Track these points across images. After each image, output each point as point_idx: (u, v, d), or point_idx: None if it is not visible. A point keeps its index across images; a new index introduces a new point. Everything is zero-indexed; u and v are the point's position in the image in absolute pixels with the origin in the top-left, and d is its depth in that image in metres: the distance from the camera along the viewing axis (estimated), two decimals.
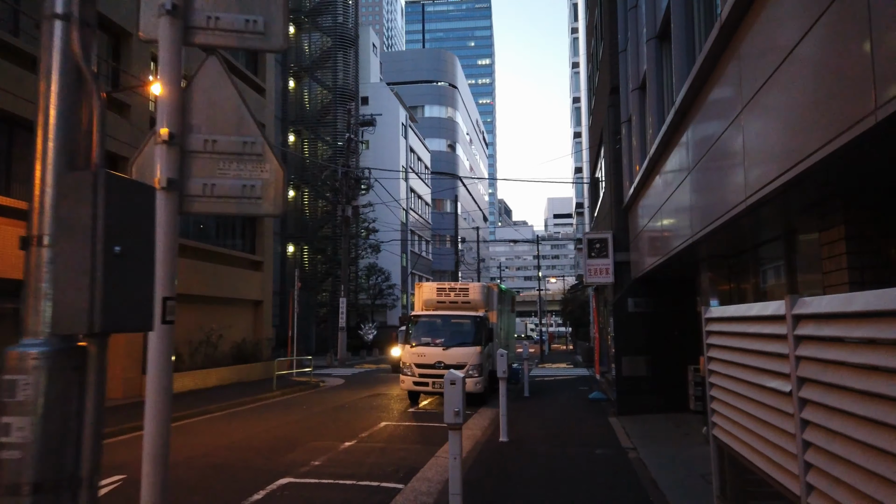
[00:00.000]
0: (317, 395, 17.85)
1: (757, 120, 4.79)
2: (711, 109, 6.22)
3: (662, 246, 9.46)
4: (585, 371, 25.52)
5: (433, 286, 16.32)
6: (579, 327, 42.78)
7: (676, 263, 9.77)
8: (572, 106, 72.90)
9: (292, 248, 40.77)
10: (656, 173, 9.57)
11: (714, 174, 6.11)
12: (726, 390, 4.03)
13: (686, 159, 7.27)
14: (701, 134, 6.65)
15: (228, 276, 21.20)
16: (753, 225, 5.89)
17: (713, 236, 6.67)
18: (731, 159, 5.45)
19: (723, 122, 5.66)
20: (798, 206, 5.04)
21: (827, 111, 3.54)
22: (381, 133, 44.27)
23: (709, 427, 4.60)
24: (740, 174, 5.13)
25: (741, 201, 5.13)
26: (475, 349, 14.74)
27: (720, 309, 4.28)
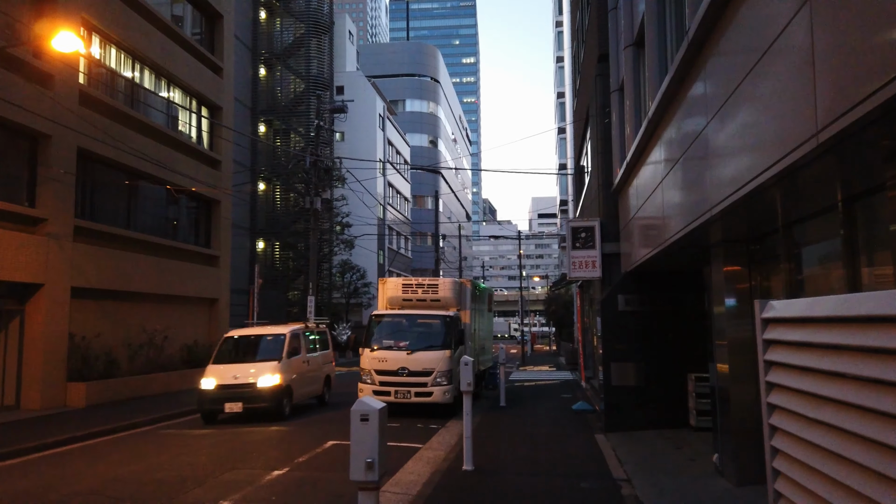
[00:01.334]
0: None
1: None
2: (745, 25, 4.48)
3: (661, 232, 7.74)
4: (569, 375, 23.82)
5: (398, 282, 14.50)
6: (563, 327, 41.13)
7: (678, 253, 8.05)
8: (556, 101, 71.44)
9: (262, 245, 38.74)
10: (655, 140, 7.84)
11: (752, 113, 4.36)
12: (814, 446, 2.27)
13: (703, 108, 5.53)
14: (726, 68, 4.91)
15: (178, 271, 19.23)
16: (810, 183, 4.16)
17: (739, 209, 4.94)
18: (787, 79, 3.70)
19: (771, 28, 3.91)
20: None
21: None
22: (357, 124, 42.30)
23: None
24: (804, 100, 3.38)
25: (802, 142, 3.38)
26: (444, 353, 12.95)
27: (801, 304, 2.50)
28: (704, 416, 9.68)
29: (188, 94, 20.56)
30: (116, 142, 15.91)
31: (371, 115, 43.52)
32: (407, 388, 12.80)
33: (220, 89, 21.89)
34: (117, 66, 17.46)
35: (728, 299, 6.68)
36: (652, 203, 8.39)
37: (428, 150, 66.35)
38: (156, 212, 19.06)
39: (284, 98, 38.96)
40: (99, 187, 16.58)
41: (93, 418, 12.52)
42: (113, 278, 16.18)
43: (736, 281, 6.68)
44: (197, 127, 21.32)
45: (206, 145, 21.59)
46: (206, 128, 21.83)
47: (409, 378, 12.83)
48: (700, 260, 8.08)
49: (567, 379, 21.99)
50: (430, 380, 12.78)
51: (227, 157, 22.34)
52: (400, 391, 12.82)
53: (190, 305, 20.23)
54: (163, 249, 18.67)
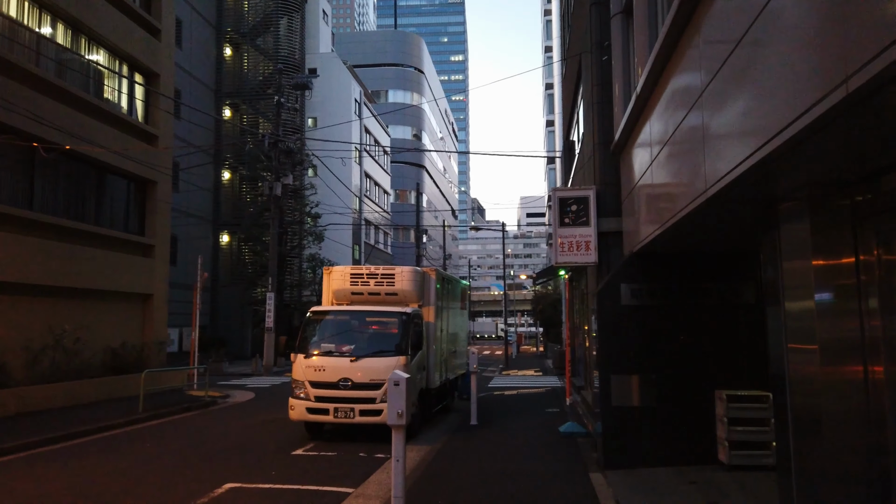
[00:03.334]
0: (197, 420, 13.17)
1: None
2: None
3: (687, 189, 5.09)
4: (557, 381, 21.15)
5: (346, 271, 11.72)
6: (551, 328, 38.50)
7: (715, 218, 5.39)
8: (545, 93, 68.97)
9: (227, 238, 35.79)
10: (685, 45, 5.14)
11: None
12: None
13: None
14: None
15: (100, 262, 16.36)
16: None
17: (853, 115, 2.27)
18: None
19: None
20: None
21: None
22: (331, 110, 39.45)
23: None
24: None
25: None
26: (398, 360, 10.21)
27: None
28: (742, 451, 7.00)
29: (116, 56, 17.68)
30: (9, 103, 13.03)
31: (346, 100, 40.69)
32: (350, 406, 10.05)
33: (156, 54, 19.01)
34: (19, 14, 14.57)
35: (820, 280, 3.98)
36: (670, 154, 5.71)
37: (411, 143, 63.63)
38: (71, 191, 16.16)
39: (252, 80, 36.07)
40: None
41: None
42: (4, 267, 13.30)
43: (832, 251, 3.99)
44: (129, 96, 18.44)
45: (139, 118, 18.70)
46: (142, 99, 18.94)
47: (354, 392, 10.09)
48: (748, 229, 5.40)
49: (554, 386, 19.30)
50: (380, 394, 10.05)
51: (166, 132, 19.47)
52: (341, 409, 10.06)
53: (115, 302, 17.34)
54: (78, 235, 15.80)
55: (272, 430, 11.66)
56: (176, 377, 18.48)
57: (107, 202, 17.50)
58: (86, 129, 15.64)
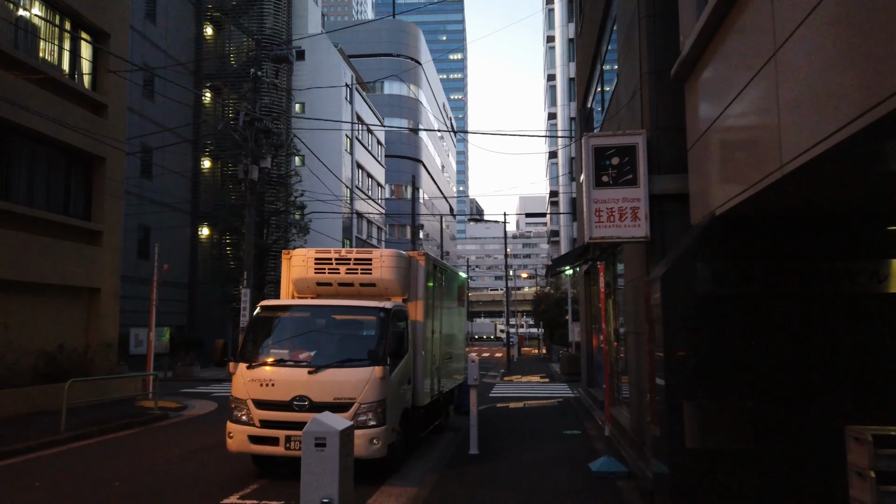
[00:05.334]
0: (128, 443, 10.56)
1: None
2: None
3: (833, 106, 2.48)
4: (568, 389, 18.53)
5: (309, 254, 9.06)
6: (555, 329, 35.88)
7: None
8: (547, 85, 66.37)
9: (208, 231, 33.11)
10: None
11: None
12: None
13: None
14: None
15: (31, 249, 13.74)
16: None
17: None
18: None
19: None
20: None
21: None
22: (320, 94, 36.77)
23: None
24: None
25: None
26: (372, 372, 7.60)
27: None
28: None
29: (55, 10, 15.03)
30: None
31: (336, 83, 38.03)
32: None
33: (105, 10, 16.34)
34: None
35: None
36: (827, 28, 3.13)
37: (407, 136, 61.06)
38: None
39: (236, 61, 33.43)
40: None
41: None
42: None
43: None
44: (71, 57, 15.78)
45: (85, 84, 16.05)
46: (89, 60, 16.29)
47: (311, 414, 7.42)
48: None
49: (566, 396, 16.66)
50: (349, 416, 7.43)
51: (117, 101, 16.81)
52: (295, 438, 7.43)
53: (52, 297, 14.69)
54: (1, 217, 13.15)
55: (213, 459, 9.02)
56: (126, 385, 15.85)
57: (40, 180, 14.83)
58: (11, 90, 13.00)
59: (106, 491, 7.38)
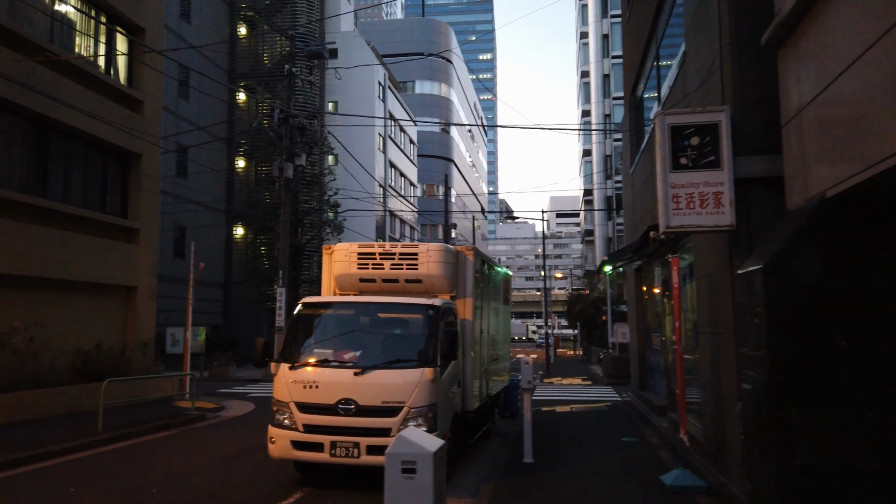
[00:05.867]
0: (166, 445, 10.21)
1: None
2: None
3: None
4: (613, 392, 17.79)
5: (351, 249, 8.56)
6: (594, 329, 35.00)
7: None
8: (581, 82, 65.30)
9: (242, 231, 33.03)
10: None
11: None
12: None
13: None
14: None
15: (68, 247, 13.55)
16: None
17: None
18: None
19: None
20: None
21: None
22: (353, 92, 36.53)
23: None
24: None
25: None
26: (422, 373, 7.06)
27: None
28: None
29: (90, 4, 14.86)
30: None
31: (369, 82, 37.73)
32: (353, 439, 6.92)
33: (140, 4, 16.15)
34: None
35: None
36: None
37: (439, 136, 60.61)
38: (30, 161, 13.34)
39: (269, 60, 33.30)
40: None
41: None
42: None
43: None
44: (107, 53, 15.61)
45: (121, 80, 15.87)
46: (125, 54, 16.12)
47: (359, 420, 6.96)
48: None
49: (613, 399, 15.93)
50: (397, 422, 6.93)
51: (153, 97, 16.61)
52: (341, 444, 6.92)
53: (89, 296, 14.51)
54: (39, 214, 12.98)
55: (252, 464, 8.59)
56: (163, 386, 15.62)
57: (77, 177, 14.66)
58: (48, 85, 12.82)
59: (142, 497, 6.97)
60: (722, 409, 6.51)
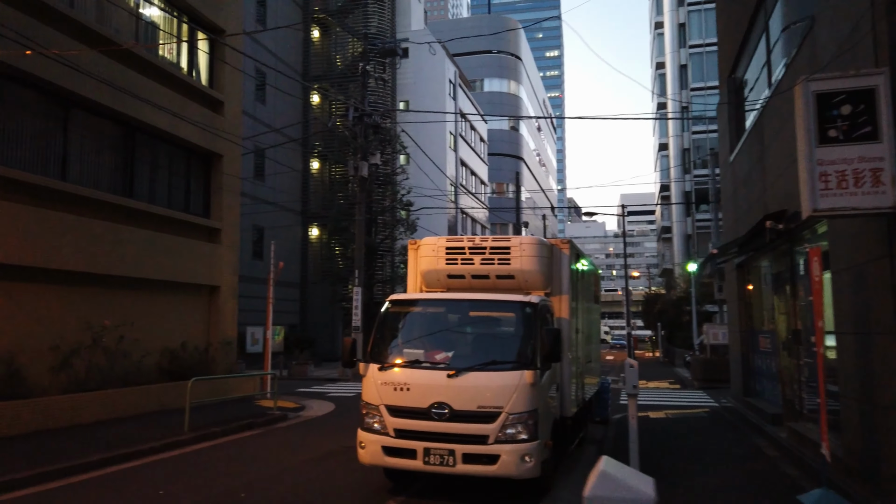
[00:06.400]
0: (251, 446, 10.06)
1: None
2: None
3: None
4: (707, 397, 16.66)
5: (438, 243, 8.07)
6: (677, 330, 33.44)
7: None
8: (656, 74, 62.98)
9: (317, 232, 33.37)
10: None
11: None
12: None
13: None
14: None
15: (154, 246, 13.72)
16: None
17: None
18: None
19: None
20: None
21: None
22: (424, 91, 36.32)
23: None
24: None
25: None
26: (521, 377, 6.49)
27: None
28: None
29: (173, 6, 15.07)
30: (35, 44, 10.42)
31: (439, 80, 37.43)
32: (447, 446, 6.42)
33: (221, 6, 16.30)
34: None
35: None
36: None
37: (508, 134, 59.84)
38: (116, 162, 13.60)
39: (342, 62, 33.51)
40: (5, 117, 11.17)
41: None
42: (27, 250, 10.74)
43: None
44: (189, 54, 15.81)
45: (203, 81, 16.06)
46: (206, 53, 16.31)
47: (453, 425, 6.46)
48: None
49: (710, 405, 14.86)
50: (495, 429, 6.38)
51: (233, 98, 16.74)
52: (435, 451, 6.44)
53: (173, 295, 14.69)
54: (125, 214, 13.19)
55: (339, 469, 8.24)
56: (245, 384, 15.69)
57: (162, 177, 14.88)
58: (133, 87, 13.00)
59: (231, 503, 6.71)
60: (875, 420, 5.63)
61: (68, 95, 11.89)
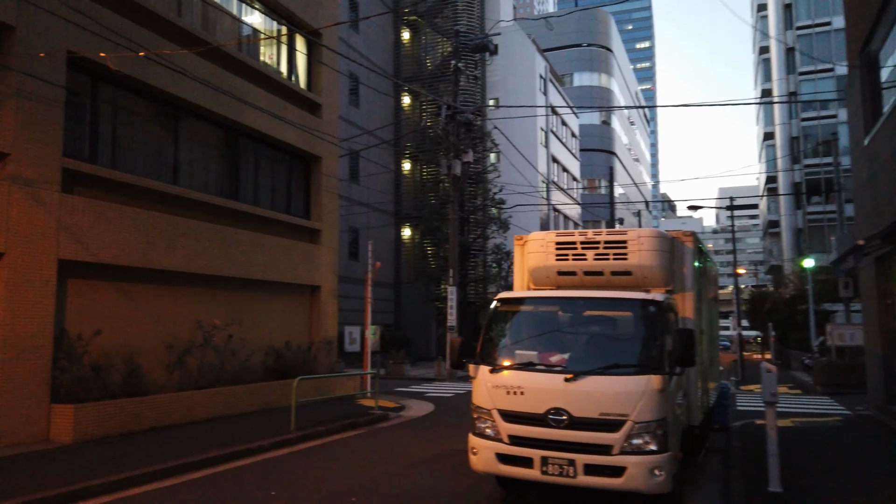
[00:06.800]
0: (356, 446, 9.99)
1: None
2: None
3: None
4: (835, 403, 15.20)
5: (548, 238, 7.58)
6: (792, 331, 31.16)
7: None
8: (759, 59, 59.27)
9: (409, 233, 33.57)
10: None
11: None
12: None
13: None
14: None
15: (258, 247, 14.03)
16: None
17: None
18: None
19: None
20: None
21: None
22: (514, 87, 35.76)
23: None
24: None
25: None
26: (648, 382, 5.94)
27: None
28: None
29: (272, 11, 15.39)
30: (134, 45, 10.85)
31: (530, 76, 36.75)
32: (567, 455, 5.97)
33: (317, 9, 16.52)
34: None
35: None
36: None
37: (600, 128, 58.15)
38: (221, 165, 14.01)
39: (431, 63, 33.55)
40: (112, 119, 11.69)
41: (57, 471, 7.28)
42: (140, 251, 11.18)
43: None
44: (288, 58, 16.12)
45: (302, 84, 16.33)
46: (304, 54, 16.59)
47: (572, 433, 6.00)
48: None
49: (843, 413, 13.51)
50: (620, 438, 5.87)
51: (330, 100, 16.94)
52: (553, 460, 6.00)
53: (276, 294, 14.98)
54: (230, 215, 13.55)
55: (448, 473, 7.95)
56: (346, 383, 15.82)
57: (264, 179, 15.23)
58: (236, 91, 13.34)
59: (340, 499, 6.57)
60: None
61: (177, 102, 12.30)
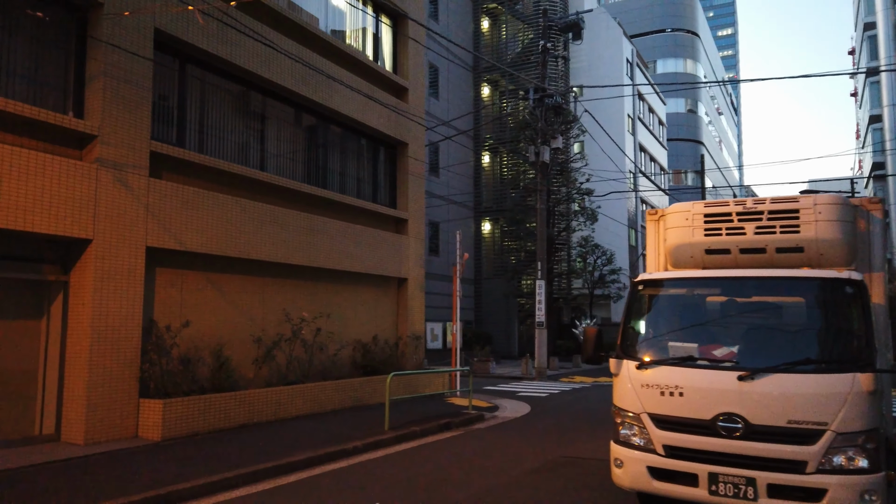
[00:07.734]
0: (457, 449, 9.05)
1: None
2: None
3: None
4: None
5: (692, 211, 6.26)
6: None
7: None
8: (864, 36, 54.62)
9: (489, 227, 32.55)
10: None
11: None
12: None
13: None
14: None
15: (344, 237, 13.37)
16: None
17: None
18: None
19: None
20: None
21: None
22: (600, 73, 34.07)
23: None
24: None
25: None
26: (853, 382, 4.67)
27: None
28: None
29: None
30: (223, 27, 10.29)
31: (616, 61, 34.97)
32: (744, 473, 4.77)
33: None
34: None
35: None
36: None
37: (685, 116, 55.31)
38: (308, 151, 13.40)
39: (511, 52, 32.39)
40: (199, 101, 11.20)
41: (149, 473, 6.73)
42: (227, 239, 10.65)
43: None
44: (374, 40, 15.41)
45: (388, 67, 15.58)
46: (390, 38, 15.84)
47: (750, 445, 4.80)
48: None
49: None
50: (817, 453, 4.63)
51: (416, 83, 16.12)
52: (726, 478, 4.81)
53: (362, 287, 14.28)
54: (316, 203, 12.93)
55: (571, 486, 6.85)
56: (435, 381, 14.96)
57: (350, 167, 14.55)
58: (324, 75, 12.68)
59: None
60: None
61: (264, 84, 11.76)
